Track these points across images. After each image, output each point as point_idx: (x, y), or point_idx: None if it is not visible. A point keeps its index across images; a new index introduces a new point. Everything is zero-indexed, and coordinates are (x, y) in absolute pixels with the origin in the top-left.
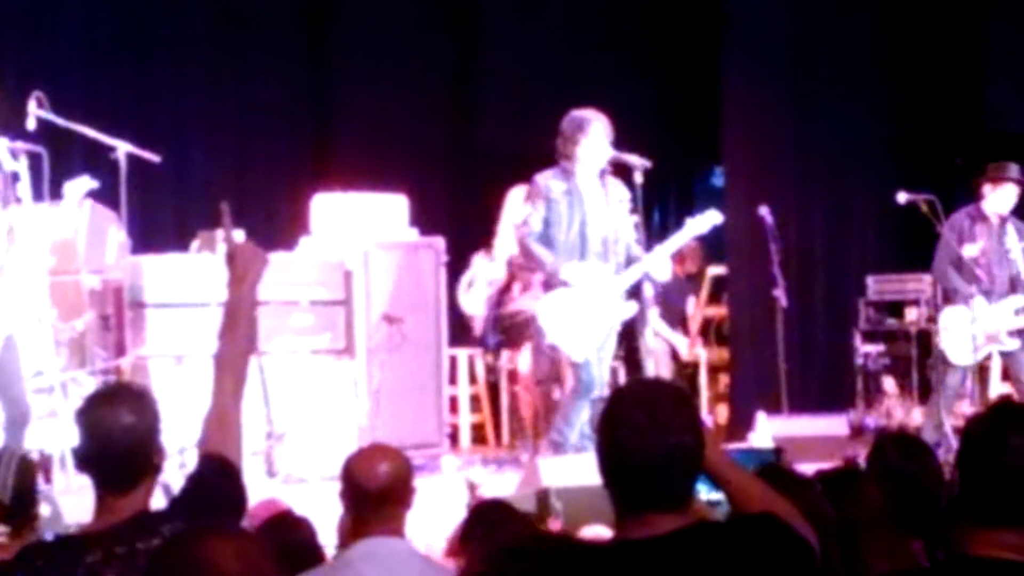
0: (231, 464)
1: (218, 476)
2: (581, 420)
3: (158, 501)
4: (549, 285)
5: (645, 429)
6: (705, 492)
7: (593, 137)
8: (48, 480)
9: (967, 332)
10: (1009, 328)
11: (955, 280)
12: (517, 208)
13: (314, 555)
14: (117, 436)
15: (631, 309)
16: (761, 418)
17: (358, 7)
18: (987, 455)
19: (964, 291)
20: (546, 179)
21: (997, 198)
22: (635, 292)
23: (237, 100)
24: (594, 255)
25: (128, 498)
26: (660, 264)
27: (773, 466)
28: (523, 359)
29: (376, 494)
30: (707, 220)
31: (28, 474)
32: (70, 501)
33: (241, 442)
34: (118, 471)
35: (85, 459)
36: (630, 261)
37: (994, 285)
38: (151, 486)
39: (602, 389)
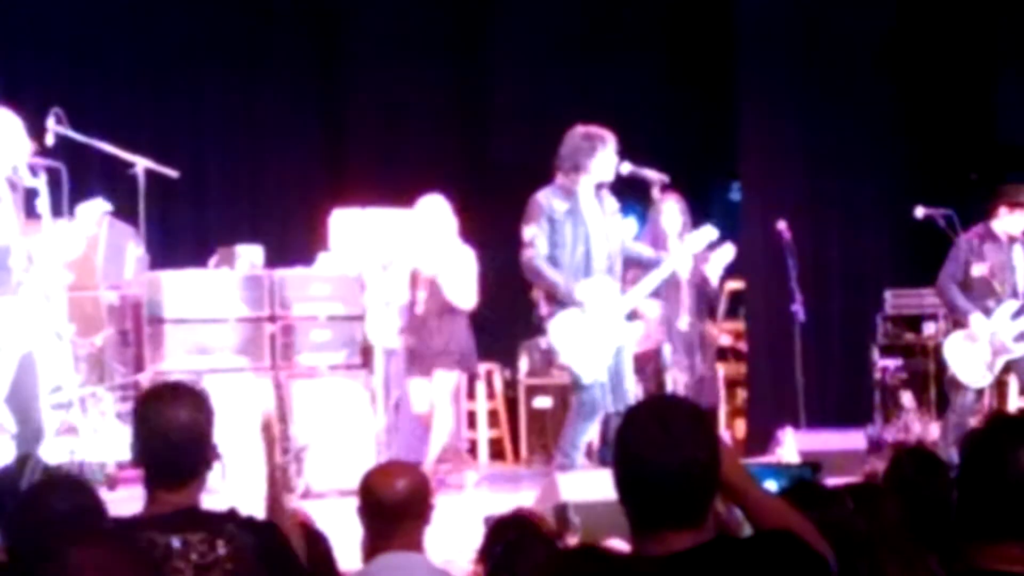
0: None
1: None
2: (585, 441)
3: None
4: (556, 302)
5: (661, 444)
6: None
7: (609, 151)
8: None
9: (975, 354)
10: (1013, 334)
11: (956, 298)
12: (429, 219)
13: (330, 570)
14: (174, 431)
15: (638, 329)
16: (788, 434)
17: (370, 24)
18: (986, 470)
19: (963, 308)
20: (548, 198)
21: (1012, 221)
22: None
23: (253, 117)
24: (599, 273)
25: (179, 494)
26: (682, 264)
27: (805, 482)
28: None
29: (394, 509)
30: (703, 236)
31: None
32: None
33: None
34: (173, 466)
35: (141, 453)
36: (639, 264)
37: (1000, 302)
38: (202, 483)
39: (624, 408)
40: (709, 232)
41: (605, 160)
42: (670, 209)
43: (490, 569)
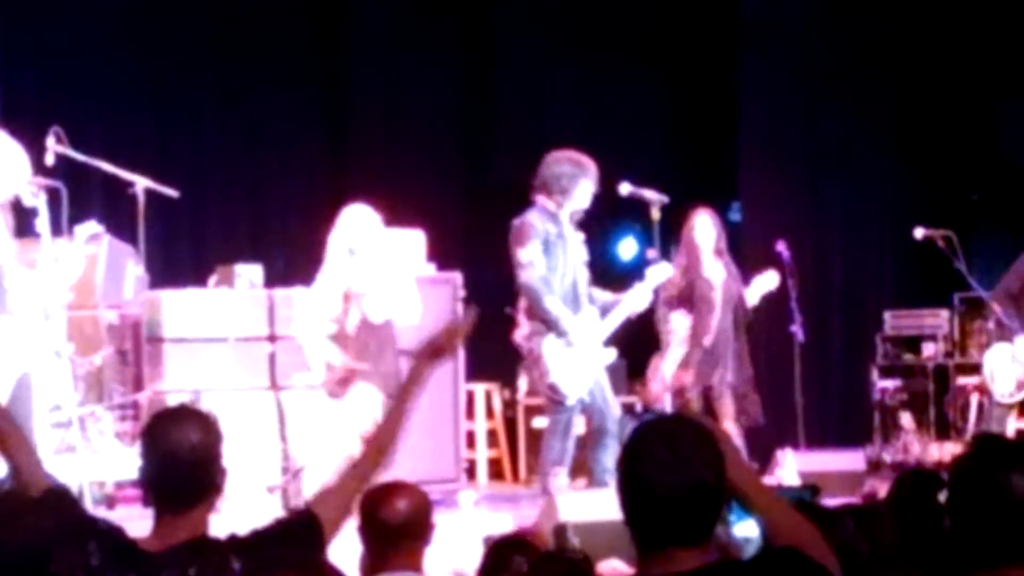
0: (323, 536)
1: (305, 537)
2: (568, 459)
3: None
4: (540, 323)
5: (667, 464)
6: (737, 526)
7: (592, 179)
8: None
9: (1010, 369)
10: None
11: (1004, 313)
12: (350, 230)
13: None
14: (182, 454)
15: (610, 356)
16: (788, 455)
17: (373, 43)
18: (977, 497)
19: (1009, 326)
20: (542, 222)
21: None
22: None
23: (254, 136)
24: (583, 298)
25: (187, 518)
26: (640, 303)
27: (805, 503)
28: None
29: (395, 529)
30: (661, 272)
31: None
32: None
33: (342, 526)
34: (181, 490)
35: (148, 477)
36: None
37: None
38: (210, 507)
39: (613, 425)
40: (665, 269)
41: (587, 187)
42: (703, 224)
43: None
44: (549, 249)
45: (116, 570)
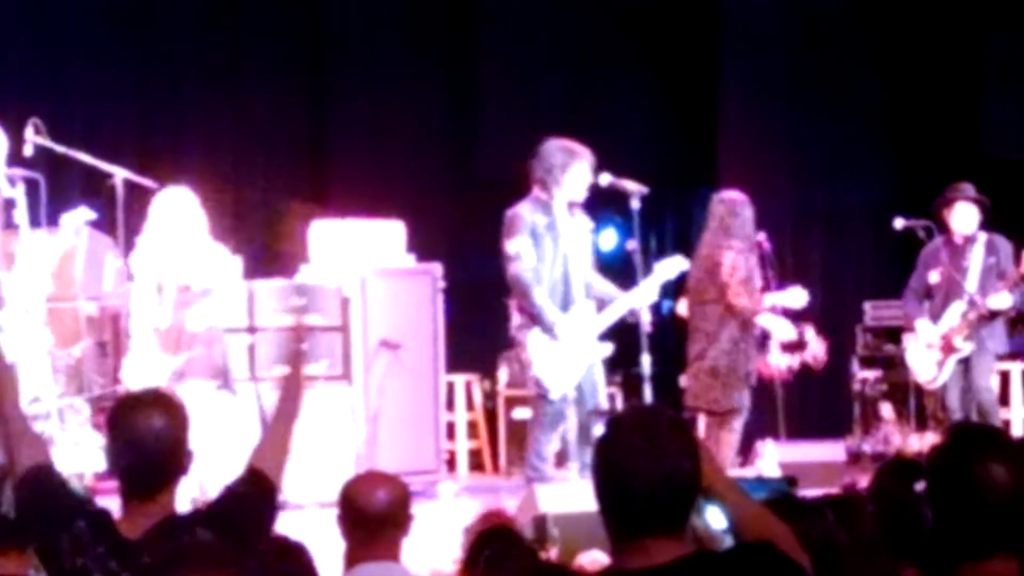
0: (272, 483)
1: (256, 491)
2: (551, 451)
3: None
4: (529, 317)
5: (643, 452)
6: (714, 520)
7: (584, 166)
8: None
9: (925, 354)
10: (961, 334)
11: (906, 307)
12: (166, 216)
13: None
14: (149, 440)
15: (606, 350)
16: (769, 446)
17: (356, 34)
18: (956, 489)
19: (910, 315)
20: (530, 213)
21: (956, 220)
22: (635, 323)
23: (235, 127)
24: (576, 290)
25: (156, 503)
26: (643, 301)
27: (786, 494)
28: None
29: (374, 520)
30: (674, 265)
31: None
32: None
33: (284, 470)
34: (149, 475)
35: (116, 464)
36: (598, 296)
37: (945, 309)
38: (175, 491)
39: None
40: (679, 263)
41: (579, 175)
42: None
43: None
44: (538, 240)
45: (99, 553)
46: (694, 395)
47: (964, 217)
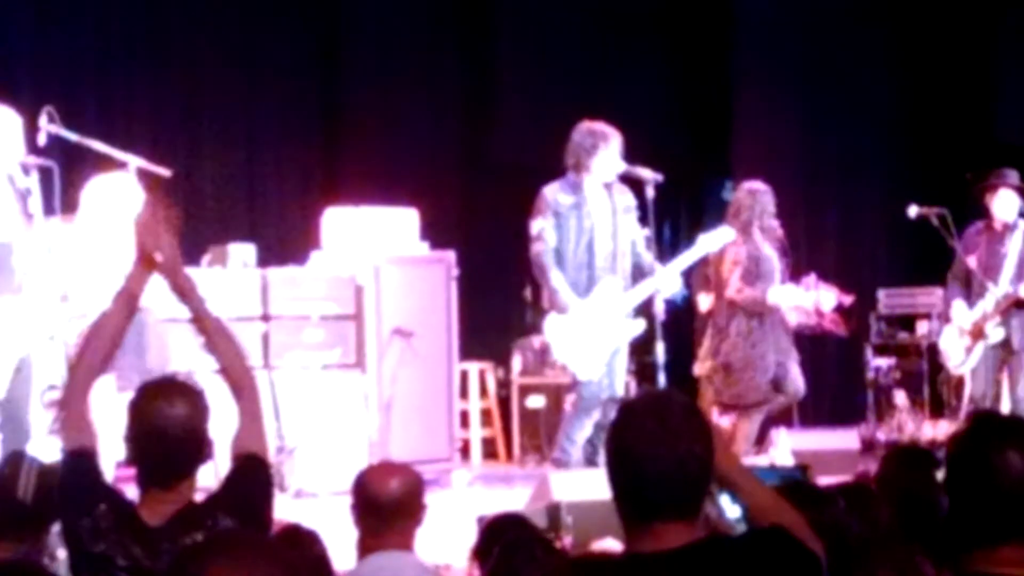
0: (266, 463)
1: (255, 474)
2: (583, 437)
3: None
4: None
5: (656, 436)
6: (728, 508)
7: (609, 152)
8: None
9: (957, 340)
10: (993, 320)
11: (947, 293)
12: (97, 201)
13: (324, 570)
14: (172, 428)
15: (638, 327)
16: (782, 434)
17: (369, 19)
18: (973, 476)
19: (947, 299)
20: (554, 193)
21: (998, 206)
22: (646, 306)
23: (248, 115)
24: (601, 269)
25: (176, 491)
26: (671, 280)
27: (798, 482)
28: None
29: (387, 509)
30: (720, 237)
31: (50, 485)
32: None
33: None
34: (171, 463)
35: (138, 451)
36: (639, 271)
37: (981, 295)
38: (195, 480)
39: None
40: (726, 233)
41: (607, 159)
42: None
43: (488, 569)
44: (561, 220)
45: (121, 538)
46: (716, 391)
47: (1006, 204)
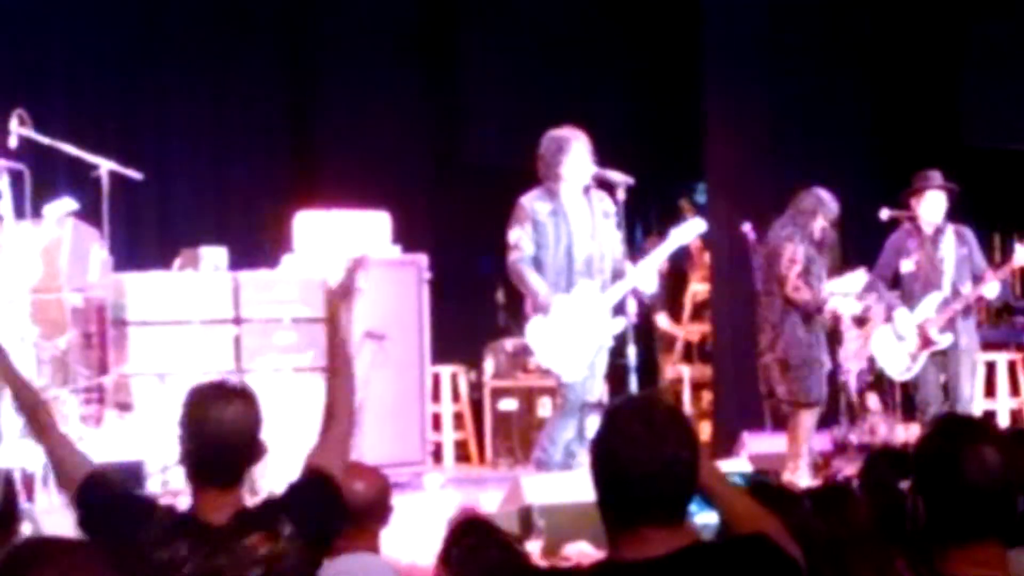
0: (337, 485)
1: (322, 490)
2: (565, 438)
3: None
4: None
5: (642, 440)
6: (698, 514)
7: (575, 156)
8: (30, 498)
9: (898, 347)
10: (937, 325)
11: (881, 296)
12: None
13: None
14: (228, 431)
15: (619, 325)
16: (748, 440)
17: (338, 23)
18: (942, 476)
19: (888, 303)
20: (531, 201)
21: (925, 209)
22: (619, 308)
23: (219, 118)
24: (579, 274)
25: (232, 492)
26: (647, 278)
27: (764, 483)
28: None
29: (355, 511)
30: (691, 229)
31: (10, 489)
32: (52, 520)
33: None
34: (227, 466)
35: (193, 455)
36: (617, 275)
37: (922, 299)
38: (245, 480)
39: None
40: (697, 224)
41: (575, 161)
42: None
43: (451, 572)
44: (539, 228)
45: (186, 541)
46: (768, 386)
47: (934, 206)
